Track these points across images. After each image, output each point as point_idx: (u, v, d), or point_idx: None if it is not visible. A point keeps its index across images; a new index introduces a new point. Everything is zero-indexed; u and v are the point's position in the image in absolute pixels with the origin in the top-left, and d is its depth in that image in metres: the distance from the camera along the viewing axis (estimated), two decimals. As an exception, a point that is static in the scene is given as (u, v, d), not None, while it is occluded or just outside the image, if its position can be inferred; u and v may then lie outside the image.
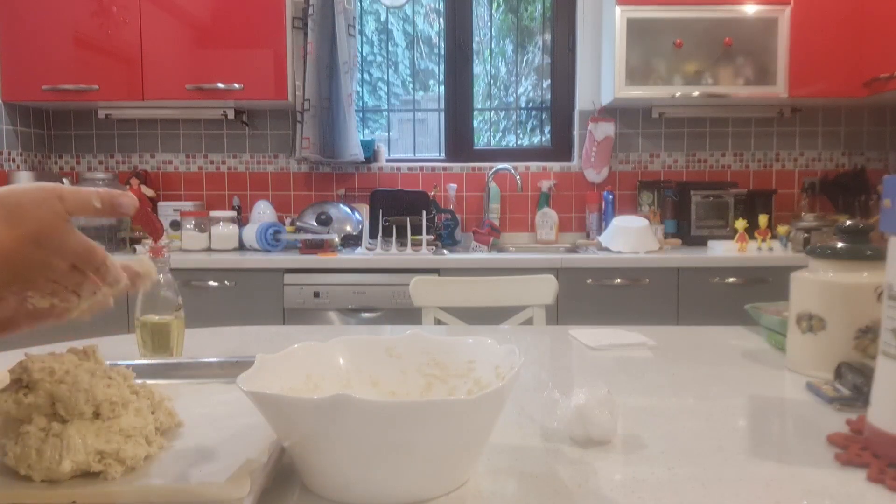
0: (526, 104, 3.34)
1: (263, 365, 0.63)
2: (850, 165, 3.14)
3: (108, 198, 0.55)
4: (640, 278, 2.54)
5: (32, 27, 2.77)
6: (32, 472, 0.53)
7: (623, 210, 3.09)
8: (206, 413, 0.69)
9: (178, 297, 1.01)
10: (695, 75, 2.79)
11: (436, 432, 0.53)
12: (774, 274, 2.53)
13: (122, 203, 0.56)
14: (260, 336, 1.30)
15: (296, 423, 0.54)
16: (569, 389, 0.79)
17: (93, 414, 0.57)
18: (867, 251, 0.92)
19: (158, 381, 0.75)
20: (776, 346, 1.13)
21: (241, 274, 2.55)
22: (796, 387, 0.91)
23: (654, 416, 0.79)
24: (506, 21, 3.32)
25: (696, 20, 2.76)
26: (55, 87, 2.79)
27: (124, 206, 0.57)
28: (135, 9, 2.77)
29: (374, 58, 3.34)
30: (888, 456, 0.63)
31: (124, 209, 0.57)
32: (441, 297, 1.78)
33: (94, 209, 0.55)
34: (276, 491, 0.58)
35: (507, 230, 3.17)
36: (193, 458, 0.58)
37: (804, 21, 2.73)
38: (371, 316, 2.55)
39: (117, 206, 0.56)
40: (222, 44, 2.80)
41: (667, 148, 3.17)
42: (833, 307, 0.92)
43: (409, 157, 3.30)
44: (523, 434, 0.72)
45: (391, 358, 0.73)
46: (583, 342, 1.18)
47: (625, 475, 0.62)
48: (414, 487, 0.56)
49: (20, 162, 2.98)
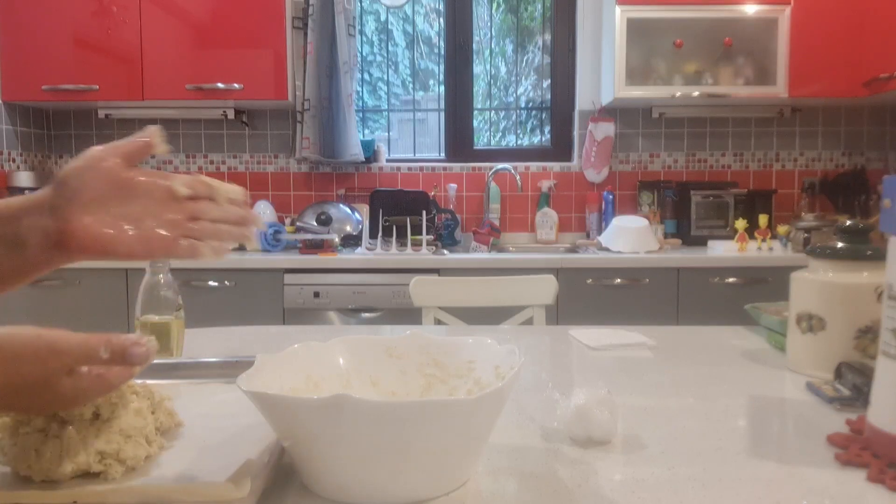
0: (526, 104, 3.34)
1: (263, 365, 0.63)
2: (850, 165, 3.14)
3: (118, 347, 0.53)
4: (640, 278, 2.54)
5: (32, 27, 2.77)
6: (32, 473, 0.53)
7: (623, 210, 3.09)
8: (206, 413, 0.69)
9: (178, 297, 1.01)
10: (695, 75, 2.79)
11: (436, 432, 0.53)
12: (774, 274, 2.53)
13: (134, 354, 0.53)
14: (260, 336, 1.30)
15: (296, 423, 0.54)
16: (569, 389, 0.79)
17: (92, 414, 0.57)
18: (867, 251, 0.92)
19: (158, 381, 0.75)
20: (776, 346, 1.13)
21: (241, 274, 2.55)
22: (796, 387, 0.91)
23: (654, 416, 0.79)
24: (506, 21, 3.32)
25: (696, 20, 2.76)
26: (55, 87, 2.79)
27: (135, 357, 0.53)
28: (135, 9, 2.77)
29: (374, 58, 3.34)
30: (888, 456, 0.63)
31: (135, 360, 0.53)
32: (441, 297, 1.78)
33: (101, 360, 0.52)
34: (276, 491, 0.58)
35: (507, 230, 3.17)
36: (193, 458, 0.58)
37: (804, 21, 2.73)
38: (371, 316, 2.55)
39: (128, 357, 0.53)
40: (222, 44, 2.80)
41: (667, 148, 3.17)
42: (833, 307, 0.92)
43: (409, 157, 3.29)
44: (523, 434, 0.72)
45: (391, 358, 0.73)
46: (583, 342, 1.18)
47: (625, 475, 0.62)
48: (414, 487, 0.56)
49: (20, 162, 2.98)
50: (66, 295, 2.55)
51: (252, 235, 0.66)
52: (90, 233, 0.55)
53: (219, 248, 0.62)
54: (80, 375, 0.53)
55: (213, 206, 0.62)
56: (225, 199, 0.63)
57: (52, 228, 0.55)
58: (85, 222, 0.55)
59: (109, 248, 0.56)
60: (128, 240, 0.57)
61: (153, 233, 0.58)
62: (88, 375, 0.53)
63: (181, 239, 0.60)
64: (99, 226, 0.56)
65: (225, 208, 0.63)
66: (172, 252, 0.59)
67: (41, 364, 0.51)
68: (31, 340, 0.51)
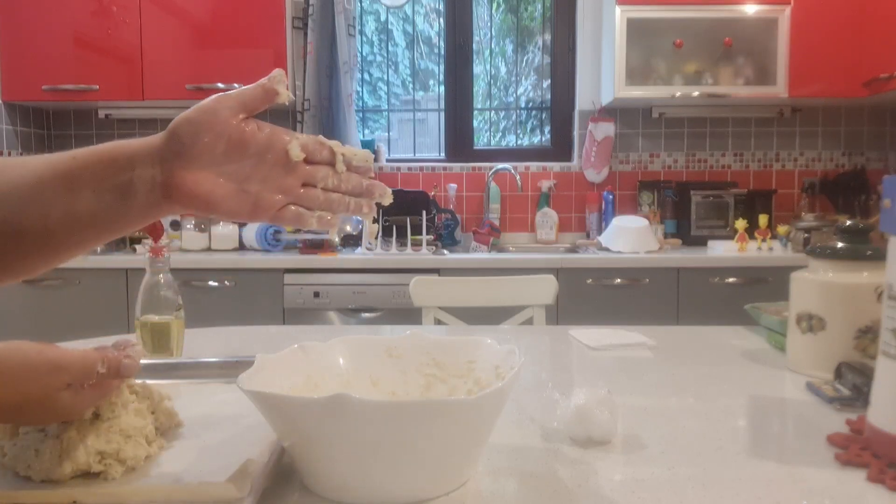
0: (526, 104, 3.34)
1: (263, 365, 0.63)
2: (850, 165, 3.14)
3: (114, 362, 0.55)
4: (640, 278, 2.54)
5: (32, 27, 2.77)
6: (32, 473, 0.53)
7: (623, 210, 3.09)
8: (206, 413, 0.69)
9: (178, 297, 1.01)
10: (695, 75, 2.79)
11: (436, 432, 0.53)
12: (774, 274, 2.53)
13: (125, 367, 0.56)
14: (260, 336, 1.30)
15: (296, 423, 0.54)
16: (569, 389, 0.79)
17: (92, 415, 0.57)
18: (867, 251, 0.92)
19: (158, 381, 0.75)
20: (776, 346, 1.13)
21: (241, 274, 2.55)
22: (796, 387, 0.91)
23: (654, 416, 0.79)
24: (506, 21, 3.32)
25: (696, 20, 2.76)
26: (55, 87, 2.79)
27: (126, 369, 0.56)
28: (135, 9, 2.77)
29: (374, 58, 3.34)
30: (888, 456, 0.63)
31: (127, 373, 0.57)
32: (441, 297, 1.78)
33: (98, 375, 0.54)
34: (276, 491, 0.58)
35: (507, 230, 3.17)
36: (193, 458, 0.58)
37: (804, 21, 2.73)
38: (371, 316, 2.55)
39: (122, 370, 0.56)
40: (222, 44, 2.80)
41: (667, 148, 3.17)
42: (833, 307, 0.92)
43: (409, 157, 3.29)
44: (523, 434, 0.72)
45: (391, 358, 0.73)
46: (583, 342, 1.18)
47: (625, 475, 0.62)
48: (414, 487, 0.56)
49: (20, 162, 2.98)
50: (66, 295, 2.54)
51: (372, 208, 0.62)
52: (195, 189, 0.54)
53: (329, 219, 0.60)
54: (78, 389, 0.54)
55: (330, 172, 0.60)
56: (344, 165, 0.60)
57: (160, 180, 0.54)
58: (191, 178, 0.54)
59: (213, 206, 0.55)
60: (233, 199, 0.56)
61: (260, 195, 0.57)
62: (86, 388, 0.54)
63: (289, 206, 0.58)
64: (204, 183, 0.55)
65: (344, 176, 0.60)
66: (278, 219, 0.58)
67: (41, 382, 0.51)
68: (32, 358, 0.51)
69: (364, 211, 0.62)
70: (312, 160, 0.59)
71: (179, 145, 0.54)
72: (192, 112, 0.55)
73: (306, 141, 0.59)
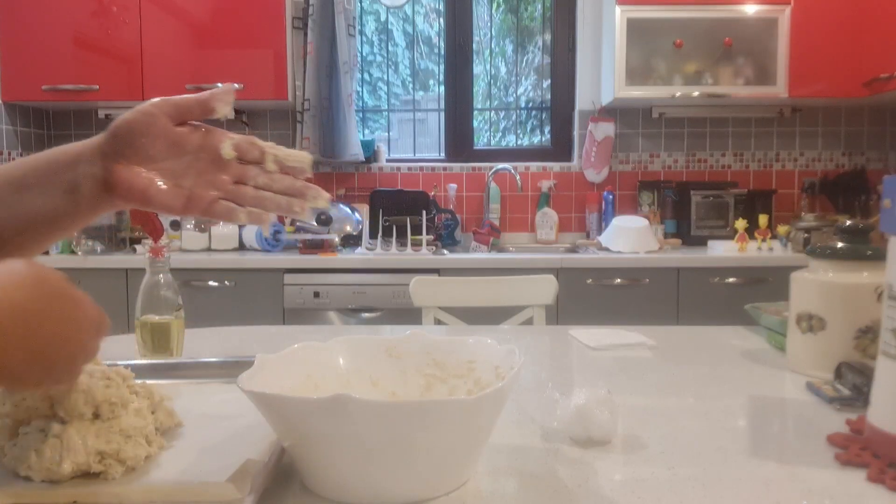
0: (526, 104, 3.34)
1: (263, 365, 0.63)
2: (850, 165, 3.14)
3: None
4: (640, 278, 2.54)
5: (32, 27, 2.77)
6: (32, 473, 0.53)
7: (623, 210, 3.09)
8: (206, 413, 0.69)
9: (178, 297, 1.01)
10: (695, 75, 2.79)
11: (436, 432, 0.53)
12: (774, 274, 2.53)
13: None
14: (260, 336, 1.30)
15: (296, 423, 0.54)
16: (569, 389, 0.79)
17: (92, 415, 0.57)
18: (867, 251, 0.92)
19: (158, 381, 0.75)
20: (776, 346, 1.13)
21: (241, 274, 2.55)
22: (796, 387, 0.91)
23: (654, 416, 0.79)
24: (506, 21, 3.32)
25: (696, 20, 2.76)
26: (55, 87, 2.79)
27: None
28: (135, 9, 2.77)
29: (374, 58, 3.34)
30: (888, 456, 0.63)
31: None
32: (441, 297, 1.78)
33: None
34: (276, 491, 0.58)
35: (507, 230, 3.17)
36: (193, 458, 0.58)
37: (804, 21, 2.73)
38: (371, 316, 2.55)
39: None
40: (222, 44, 2.80)
41: (667, 148, 3.17)
42: (833, 307, 0.92)
43: (409, 157, 3.29)
44: (523, 434, 0.72)
45: (391, 358, 0.73)
46: (583, 342, 1.18)
47: (625, 475, 0.62)
48: (414, 487, 0.56)
49: (20, 162, 2.98)
50: (66, 295, 2.54)
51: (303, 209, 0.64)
52: (132, 184, 0.59)
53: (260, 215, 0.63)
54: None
55: (259, 171, 0.63)
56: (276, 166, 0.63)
57: (101, 176, 0.59)
58: (128, 174, 0.59)
59: (149, 200, 0.60)
60: (167, 194, 0.60)
61: (194, 191, 0.61)
62: None
63: (221, 201, 0.62)
64: (141, 178, 0.59)
65: (277, 176, 0.63)
66: (209, 212, 0.62)
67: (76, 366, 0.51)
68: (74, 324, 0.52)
69: (295, 210, 0.64)
70: (244, 159, 0.63)
71: (118, 144, 0.59)
72: (132, 114, 0.59)
73: (239, 141, 0.63)
